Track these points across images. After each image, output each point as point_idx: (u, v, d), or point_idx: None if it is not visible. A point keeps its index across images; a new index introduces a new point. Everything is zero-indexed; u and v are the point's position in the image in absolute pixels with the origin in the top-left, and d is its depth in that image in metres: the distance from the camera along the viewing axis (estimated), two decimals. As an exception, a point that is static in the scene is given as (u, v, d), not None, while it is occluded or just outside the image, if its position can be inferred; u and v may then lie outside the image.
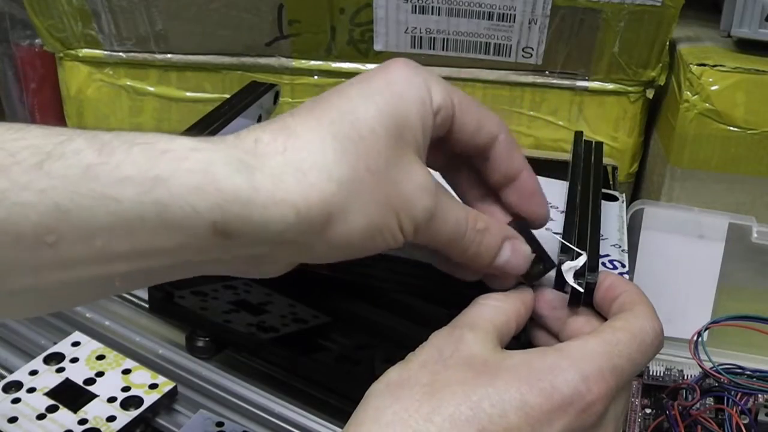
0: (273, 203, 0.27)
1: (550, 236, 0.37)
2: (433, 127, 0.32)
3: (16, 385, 0.47)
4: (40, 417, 0.45)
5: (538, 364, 0.29)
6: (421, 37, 0.58)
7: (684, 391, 0.47)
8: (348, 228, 0.29)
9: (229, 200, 0.26)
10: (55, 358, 0.49)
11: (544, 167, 0.46)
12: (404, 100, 0.31)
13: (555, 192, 0.47)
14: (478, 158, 0.35)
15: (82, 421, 0.44)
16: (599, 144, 0.47)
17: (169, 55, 0.62)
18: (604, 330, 0.31)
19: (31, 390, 0.46)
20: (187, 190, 0.26)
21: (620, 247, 0.43)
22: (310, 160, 0.28)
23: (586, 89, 0.59)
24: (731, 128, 0.53)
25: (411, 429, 0.27)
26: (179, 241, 0.27)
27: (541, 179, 0.36)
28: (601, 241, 0.37)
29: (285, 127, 0.29)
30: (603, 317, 0.34)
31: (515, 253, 0.34)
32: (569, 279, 0.34)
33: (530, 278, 0.35)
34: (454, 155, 0.35)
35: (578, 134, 0.47)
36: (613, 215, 0.47)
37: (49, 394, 0.46)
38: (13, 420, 0.44)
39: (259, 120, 0.54)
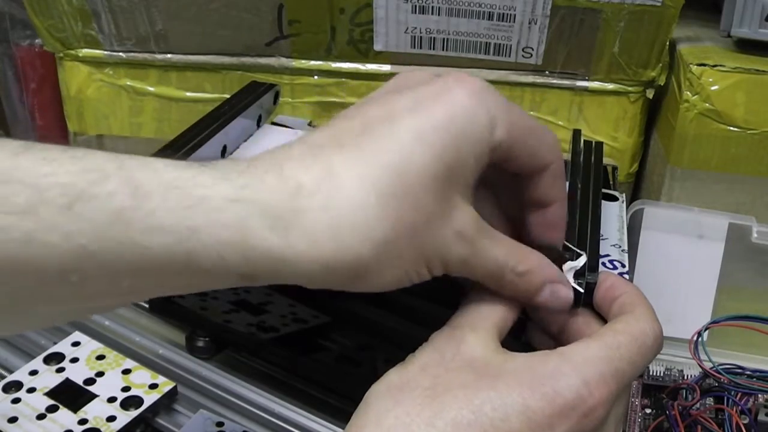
0: (304, 261, 0.27)
1: None
2: (488, 163, 0.30)
3: (16, 385, 0.47)
4: (40, 417, 0.45)
5: (540, 368, 0.29)
6: (421, 37, 0.58)
7: (684, 391, 0.47)
8: (377, 280, 0.28)
9: (259, 256, 0.26)
10: (55, 358, 0.49)
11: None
12: (463, 140, 0.29)
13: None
14: (521, 176, 0.33)
15: (82, 421, 0.44)
16: (599, 144, 0.47)
17: (169, 55, 0.62)
18: (605, 333, 0.31)
19: (31, 390, 0.46)
20: (219, 244, 0.26)
21: (620, 247, 0.43)
22: (349, 218, 0.27)
23: (586, 89, 0.59)
24: (731, 128, 0.53)
25: None
26: (205, 282, 0.27)
27: None
28: (601, 241, 0.37)
29: (330, 173, 0.27)
30: (602, 318, 0.34)
31: (556, 299, 0.33)
32: (569, 279, 0.34)
33: None
34: (496, 170, 0.33)
35: (576, 132, 0.47)
36: (613, 215, 0.47)
37: (49, 394, 0.46)
38: (13, 420, 0.44)
39: (259, 121, 0.54)
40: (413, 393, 0.28)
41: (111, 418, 0.44)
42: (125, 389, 0.47)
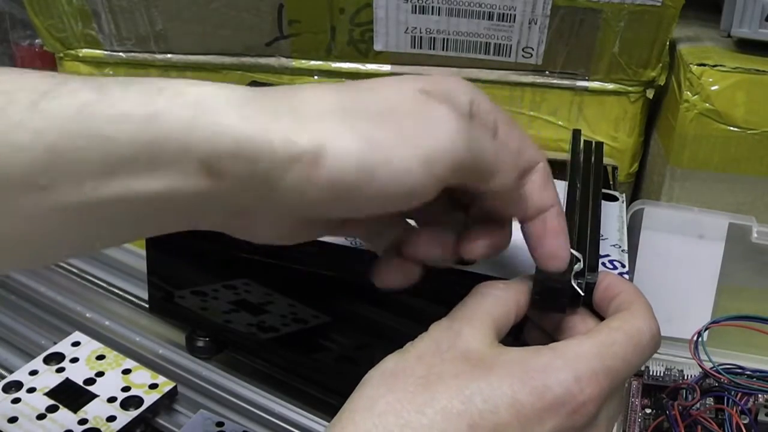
0: (262, 132, 0.26)
1: None
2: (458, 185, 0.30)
3: (16, 385, 0.47)
4: (40, 417, 0.45)
5: (532, 362, 0.29)
6: (421, 37, 0.58)
7: (684, 391, 0.47)
8: (342, 162, 0.26)
9: (219, 133, 0.26)
10: (55, 358, 0.49)
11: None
12: (440, 101, 0.29)
13: (555, 192, 0.47)
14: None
15: (82, 421, 0.44)
16: (599, 144, 0.47)
17: (169, 55, 0.62)
18: (601, 330, 0.31)
19: (31, 390, 0.46)
20: (179, 125, 0.26)
21: (620, 247, 0.43)
22: (311, 103, 0.28)
23: (586, 89, 0.59)
24: (731, 128, 0.53)
25: (403, 420, 0.27)
26: (168, 183, 0.26)
27: None
28: (601, 241, 0.37)
29: (296, 88, 0.29)
30: (599, 316, 0.34)
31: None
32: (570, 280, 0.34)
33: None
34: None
35: (576, 132, 0.47)
36: (613, 215, 0.47)
37: (49, 394, 0.46)
38: (13, 420, 0.44)
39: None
40: (407, 381, 0.29)
41: (111, 418, 0.45)
42: (125, 389, 0.47)
